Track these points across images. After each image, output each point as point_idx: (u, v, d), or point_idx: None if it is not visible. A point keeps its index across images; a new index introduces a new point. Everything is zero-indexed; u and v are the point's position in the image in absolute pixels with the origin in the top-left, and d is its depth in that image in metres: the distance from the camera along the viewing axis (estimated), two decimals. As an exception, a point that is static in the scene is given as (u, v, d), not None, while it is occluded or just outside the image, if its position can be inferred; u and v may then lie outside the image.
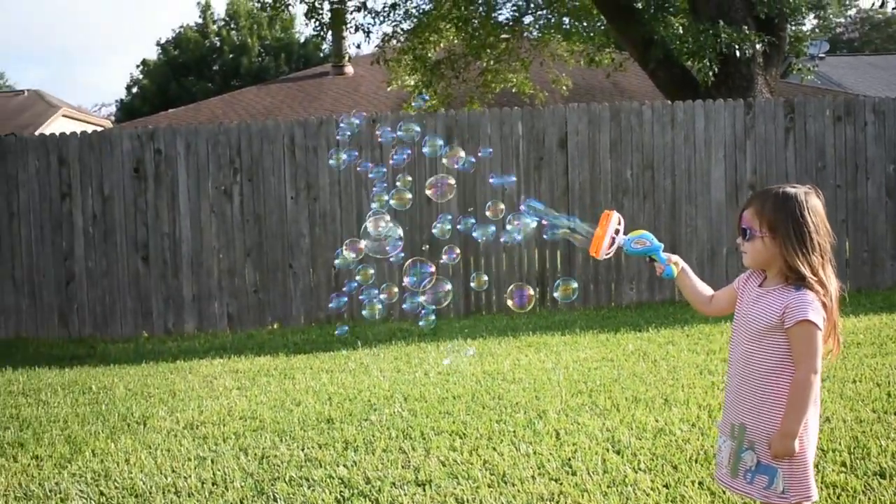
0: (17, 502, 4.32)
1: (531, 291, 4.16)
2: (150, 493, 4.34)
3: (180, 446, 5.14)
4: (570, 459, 4.57)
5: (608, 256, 3.07)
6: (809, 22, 18.04)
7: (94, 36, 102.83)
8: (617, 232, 3.06)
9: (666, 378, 6.33)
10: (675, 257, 3.13)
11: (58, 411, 6.28)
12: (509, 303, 4.24)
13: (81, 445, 5.29)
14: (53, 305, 10.34)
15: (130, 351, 9.27)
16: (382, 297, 4.41)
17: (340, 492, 4.25)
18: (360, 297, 4.42)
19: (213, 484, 4.43)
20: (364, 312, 4.37)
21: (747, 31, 11.39)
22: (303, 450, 4.93)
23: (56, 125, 27.30)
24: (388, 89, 18.15)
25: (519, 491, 4.17)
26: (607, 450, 4.70)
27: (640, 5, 13.14)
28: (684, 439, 4.79)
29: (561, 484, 4.24)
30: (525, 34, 17.01)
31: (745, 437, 2.86)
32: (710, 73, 11.31)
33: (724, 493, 3.92)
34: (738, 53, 11.29)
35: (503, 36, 16.56)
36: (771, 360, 2.83)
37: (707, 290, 3.17)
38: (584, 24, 16.05)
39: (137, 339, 10.00)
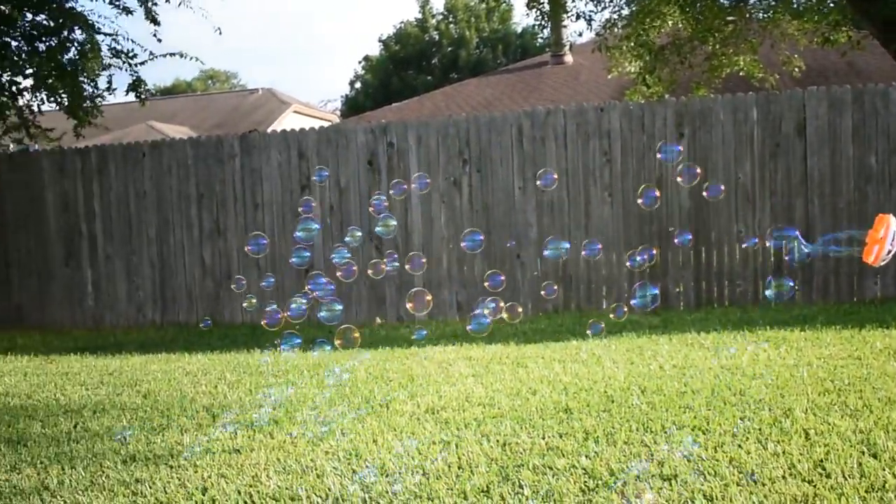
0: (278, 476, 4.58)
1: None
2: (400, 473, 4.50)
3: (424, 430, 5.30)
4: (822, 461, 4.37)
5: (885, 262, 2.91)
6: None
7: (319, 35, 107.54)
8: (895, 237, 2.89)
9: (922, 378, 5.94)
10: None
11: (305, 392, 6.62)
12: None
13: (331, 425, 5.55)
14: (294, 292, 10.91)
15: (366, 336, 9.63)
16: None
17: (585, 482, 4.24)
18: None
19: (458, 468, 4.54)
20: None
21: None
22: (543, 438, 4.97)
23: (287, 121, 28.78)
24: (609, 77, 17.93)
25: (770, 491, 4.03)
26: (862, 453, 4.46)
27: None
28: (948, 444, 4.48)
29: (815, 486, 4.06)
30: (752, 15, 16.35)
31: None
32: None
33: None
34: None
35: (729, 18, 15.99)
36: None
37: None
38: (816, 0, 15.23)
39: (371, 326, 10.41)
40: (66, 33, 12.75)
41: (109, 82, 13.18)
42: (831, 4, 14.94)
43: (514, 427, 5.24)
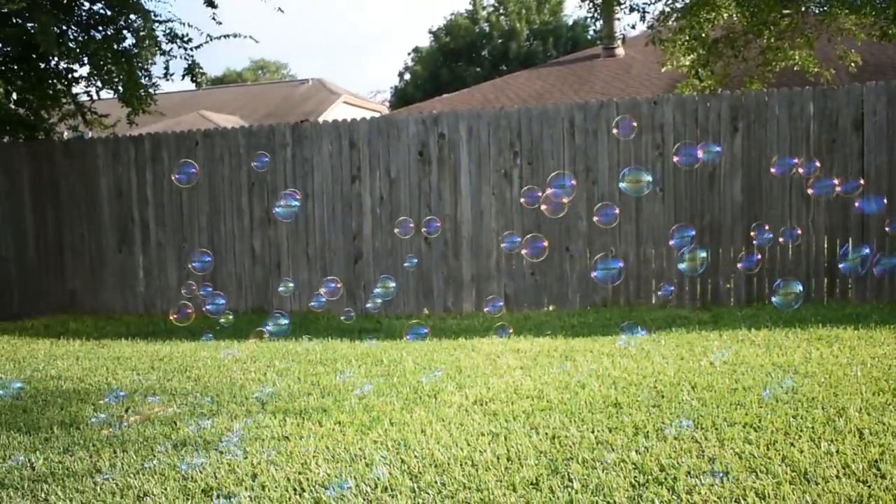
0: (326, 463, 4.60)
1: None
2: (449, 464, 4.49)
3: (472, 421, 5.29)
4: (877, 461, 4.29)
5: None
6: None
7: (369, 26, 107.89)
8: None
9: (982, 380, 5.81)
10: None
11: (354, 381, 6.64)
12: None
13: (379, 415, 5.55)
14: (342, 281, 10.96)
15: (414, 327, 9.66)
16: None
17: (635, 477, 4.21)
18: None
19: (507, 460, 4.53)
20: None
21: None
22: (592, 432, 4.94)
23: (337, 111, 28.90)
24: (663, 70, 17.72)
25: (823, 490, 3.97)
26: (919, 453, 4.38)
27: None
28: None
29: (870, 487, 3.99)
30: (808, 9, 16.05)
31: None
32: None
33: None
34: None
35: (785, 11, 15.72)
36: None
37: None
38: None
39: (419, 317, 10.42)
40: (122, 21, 12.89)
41: (167, 68, 13.22)
42: (892, -2, 14.63)
43: (563, 420, 5.21)
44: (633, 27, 40.09)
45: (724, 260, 10.02)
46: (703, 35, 15.61)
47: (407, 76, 42.84)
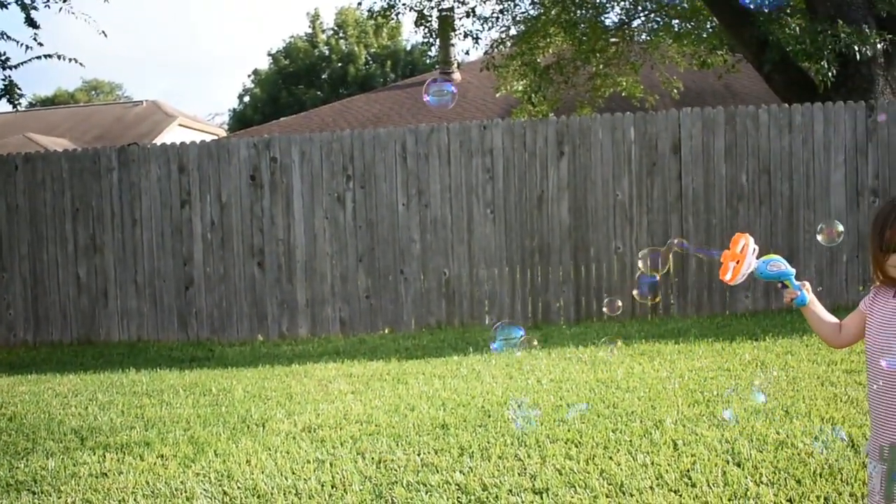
0: (146, 499, 4.47)
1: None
2: (272, 494, 4.43)
3: (299, 449, 5.24)
4: (688, 471, 4.49)
5: (741, 282, 2.94)
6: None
7: (209, 49, 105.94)
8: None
9: (786, 389, 6.16)
10: (808, 284, 2.96)
11: (180, 412, 6.47)
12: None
13: (204, 446, 5.43)
14: (173, 309, 10.69)
15: (247, 354, 9.51)
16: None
17: (458, 498, 4.26)
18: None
19: (332, 487, 4.51)
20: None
21: (867, 31, 10.98)
22: (419, 455, 4.97)
23: (172, 134, 28.18)
24: (497, 95, 18.14)
25: (637, 501, 4.12)
26: (727, 462, 4.61)
27: (753, 6, 12.78)
28: (807, 453, 4.65)
29: (680, 496, 4.17)
30: (634, 37, 16.79)
31: (899, 459, 2.69)
32: (829, 75, 10.93)
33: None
34: (857, 55, 10.88)
35: (612, 40, 16.37)
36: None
37: (832, 318, 2.98)
38: (693, 24, 15.72)
39: (253, 343, 10.26)
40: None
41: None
42: (710, 29, 15.45)
43: (390, 444, 5.22)
44: (468, 53, 40.87)
45: (553, 280, 10.29)
46: (535, 61, 16.07)
47: (246, 98, 42.20)
